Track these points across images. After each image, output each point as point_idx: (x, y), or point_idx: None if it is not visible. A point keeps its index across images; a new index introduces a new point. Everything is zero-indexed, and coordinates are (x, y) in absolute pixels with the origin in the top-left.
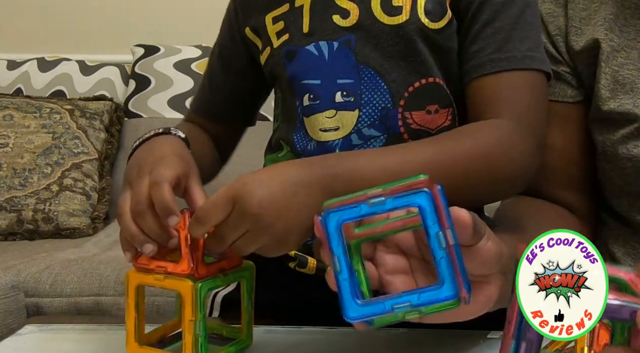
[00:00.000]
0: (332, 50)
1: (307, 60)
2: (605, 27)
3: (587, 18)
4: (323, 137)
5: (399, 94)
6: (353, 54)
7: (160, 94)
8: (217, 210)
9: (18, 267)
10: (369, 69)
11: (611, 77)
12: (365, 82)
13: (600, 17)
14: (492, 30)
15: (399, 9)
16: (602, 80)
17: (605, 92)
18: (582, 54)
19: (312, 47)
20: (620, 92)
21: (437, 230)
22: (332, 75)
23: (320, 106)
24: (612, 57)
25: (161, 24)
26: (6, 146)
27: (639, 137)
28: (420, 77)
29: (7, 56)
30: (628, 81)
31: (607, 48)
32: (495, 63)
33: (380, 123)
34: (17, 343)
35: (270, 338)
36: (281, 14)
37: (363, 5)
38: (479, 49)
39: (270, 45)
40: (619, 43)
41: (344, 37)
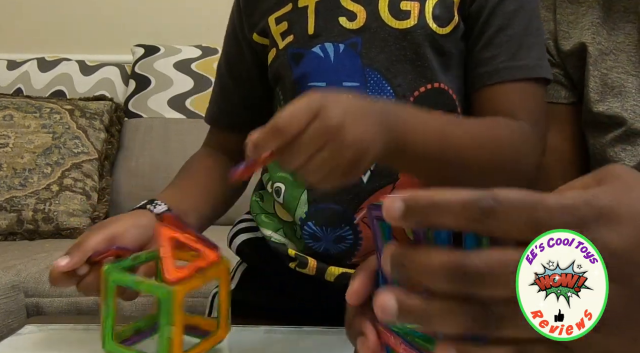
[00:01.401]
0: (337, 52)
1: (313, 62)
2: (592, 31)
3: (575, 22)
4: None
5: (405, 98)
6: (359, 57)
7: (160, 94)
8: (300, 116)
9: (18, 267)
10: (375, 72)
11: (600, 80)
12: (371, 86)
13: (587, 21)
14: (505, 38)
15: (407, 14)
16: (590, 83)
17: (594, 95)
18: (571, 57)
19: (318, 48)
20: (609, 95)
21: None
22: (337, 78)
23: None
24: (601, 60)
25: (161, 24)
26: (6, 146)
27: (627, 141)
28: (426, 82)
29: (7, 56)
30: (617, 84)
31: (594, 51)
32: (510, 71)
33: None
34: (17, 343)
35: (270, 338)
36: (284, 14)
37: (370, 8)
38: (493, 56)
39: (275, 47)
40: (607, 46)
41: (350, 39)
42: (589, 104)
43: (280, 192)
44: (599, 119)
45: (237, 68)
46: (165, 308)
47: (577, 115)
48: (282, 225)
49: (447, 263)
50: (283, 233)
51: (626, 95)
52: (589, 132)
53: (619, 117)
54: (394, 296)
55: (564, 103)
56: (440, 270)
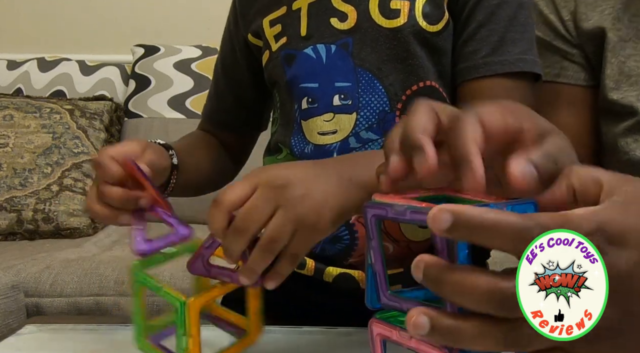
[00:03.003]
0: (329, 53)
1: (305, 63)
2: (613, 16)
3: (594, 4)
4: (321, 140)
5: (397, 97)
6: (350, 57)
7: (160, 94)
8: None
9: (18, 267)
10: (367, 72)
11: (617, 68)
12: (362, 85)
13: (608, 5)
14: (486, 32)
15: (396, 12)
16: (607, 70)
17: (609, 82)
18: (590, 40)
19: (310, 50)
20: (624, 84)
21: None
22: (329, 79)
23: (318, 109)
24: (620, 47)
25: (161, 24)
26: (6, 146)
27: (639, 132)
28: (418, 81)
29: (7, 56)
30: (634, 73)
31: (614, 38)
32: (489, 66)
33: (377, 126)
34: (17, 343)
35: (270, 338)
36: (278, 16)
37: (361, 8)
38: (473, 51)
39: (269, 49)
40: (627, 33)
41: (341, 40)
42: (604, 91)
43: None
44: (613, 107)
45: (231, 70)
46: (180, 319)
47: (593, 99)
48: None
49: (486, 287)
50: None
51: None
52: (603, 120)
53: (633, 106)
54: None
55: (582, 85)
56: (480, 295)
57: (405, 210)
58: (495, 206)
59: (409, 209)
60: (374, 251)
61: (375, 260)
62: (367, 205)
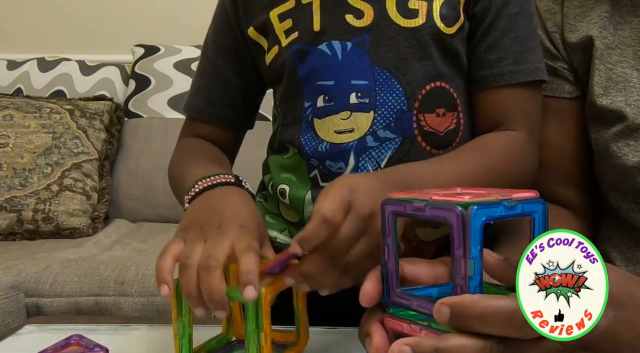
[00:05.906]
0: (345, 50)
1: (320, 59)
2: (599, 24)
3: (582, 15)
4: (338, 138)
5: (414, 96)
6: (367, 55)
7: (160, 93)
8: (339, 209)
9: (18, 267)
10: (384, 70)
11: (605, 75)
12: (380, 84)
13: (595, 14)
14: (509, 41)
15: (415, 12)
16: (595, 76)
17: (598, 88)
18: (577, 50)
19: (325, 46)
20: (612, 90)
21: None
22: (346, 76)
23: (334, 107)
24: (607, 54)
25: (161, 24)
26: (6, 146)
27: (630, 136)
28: (431, 80)
29: (7, 56)
30: (621, 79)
31: (600, 45)
32: (514, 74)
33: (395, 125)
34: (17, 343)
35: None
36: (287, 10)
37: (378, 6)
38: (498, 59)
39: (278, 44)
40: (613, 41)
41: (358, 37)
42: (593, 97)
43: (285, 193)
44: (602, 112)
45: (238, 60)
46: (252, 312)
47: (579, 110)
48: (287, 225)
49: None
50: (288, 233)
51: (630, 90)
52: (592, 126)
53: (622, 111)
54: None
55: (566, 97)
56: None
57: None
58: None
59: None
60: (389, 248)
61: (389, 257)
62: (385, 201)
